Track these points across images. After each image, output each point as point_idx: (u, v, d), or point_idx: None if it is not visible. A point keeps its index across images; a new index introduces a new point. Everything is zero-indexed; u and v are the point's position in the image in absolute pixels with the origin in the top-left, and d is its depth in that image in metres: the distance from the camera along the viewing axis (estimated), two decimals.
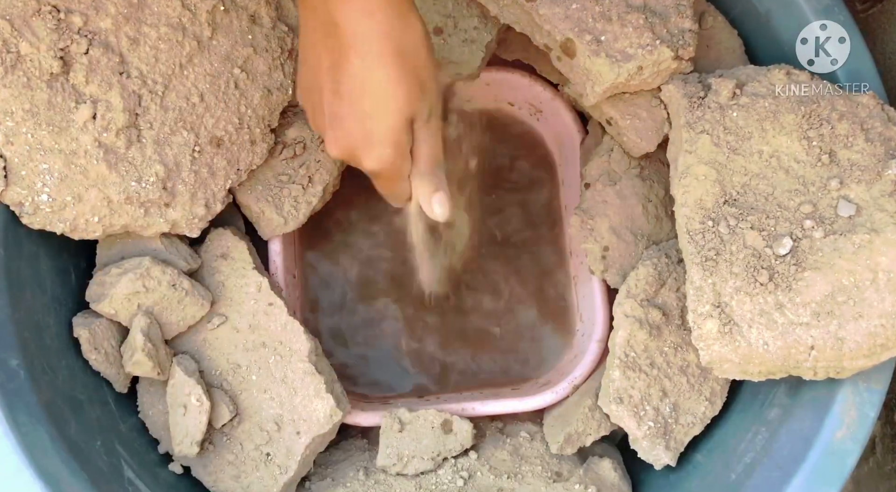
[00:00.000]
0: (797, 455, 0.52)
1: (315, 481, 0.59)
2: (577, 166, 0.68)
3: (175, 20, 0.53)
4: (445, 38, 0.63)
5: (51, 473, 0.47)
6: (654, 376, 0.56)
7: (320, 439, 0.57)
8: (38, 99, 0.50)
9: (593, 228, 0.62)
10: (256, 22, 0.58)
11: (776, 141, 0.53)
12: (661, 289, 0.58)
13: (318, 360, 0.58)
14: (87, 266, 0.58)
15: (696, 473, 0.58)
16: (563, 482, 0.59)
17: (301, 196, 0.61)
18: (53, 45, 0.50)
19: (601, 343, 0.64)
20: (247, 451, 0.56)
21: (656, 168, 0.64)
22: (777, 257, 0.49)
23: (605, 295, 0.65)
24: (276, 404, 0.56)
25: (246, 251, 0.60)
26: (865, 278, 0.48)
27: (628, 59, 0.56)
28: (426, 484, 0.58)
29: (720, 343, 0.49)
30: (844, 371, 0.49)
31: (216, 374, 0.57)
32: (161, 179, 0.53)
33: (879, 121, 0.53)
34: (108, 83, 0.51)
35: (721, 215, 0.51)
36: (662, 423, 0.56)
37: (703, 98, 0.55)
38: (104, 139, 0.51)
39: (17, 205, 0.51)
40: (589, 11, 0.57)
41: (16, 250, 0.52)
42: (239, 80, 0.56)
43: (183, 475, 0.56)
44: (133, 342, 0.54)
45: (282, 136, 0.61)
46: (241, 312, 0.58)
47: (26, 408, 0.48)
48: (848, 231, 0.49)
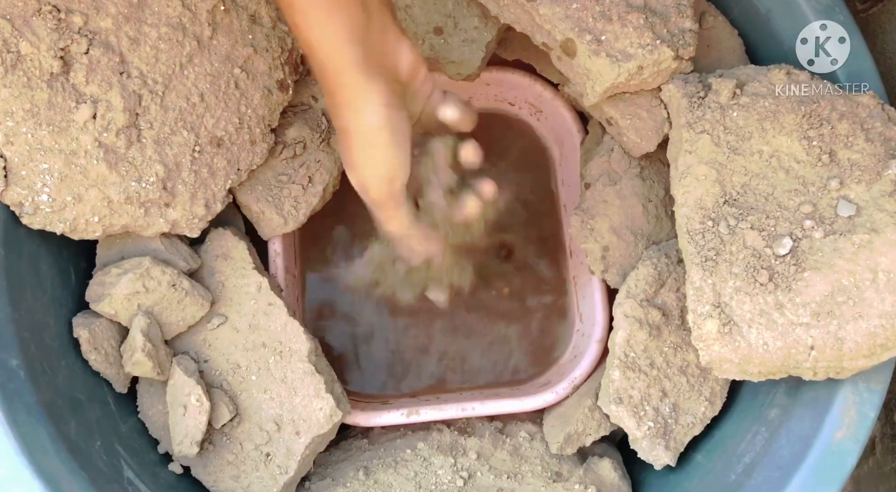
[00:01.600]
0: (797, 455, 0.52)
1: (315, 481, 0.59)
2: (577, 166, 0.68)
3: (175, 20, 0.53)
4: (445, 38, 0.63)
5: (50, 473, 0.47)
6: (654, 376, 0.56)
7: (320, 440, 0.57)
8: (39, 99, 0.50)
9: (593, 228, 0.62)
10: (257, 22, 0.58)
11: (776, 141, 0.53)
12: (661, 289, 0.58)
13: (317, 360, 0.58)
14: (87, 266, 0.58)
15: (696, 473, 0.58)
16: (563, 482, 0.59)
17: (301, 196, 0.61)
18: (54, 45, 0.50)
19: (601, 343, 0.64)
20: (247, 451, 0.56)
21: (656, 168, 0.64)
22: (777, 257, 0.49)
23: (605, 295, 0.65)
24: (275, 404, 0.56)
25: (246, 251, 0.60)
26: (865, 278, 0.48)
27: (628, 58, 0.56)
28: (426, 484, 0.58)
29: (720, 343, 0.49)
30: (844, 371, 0.49)
31: (216, 374, 0.57)
32: (161, 179, 0.53)
33: (879, 121, 0.53)
34: (108, 83, 0.51)
35: (721, 215, 0.51)
36: (662, 423, 0.56)
37: (703, 98, 0.55)
38: (104, 139, 0.51)
39: (17, 205, 0.51)
40: (589, 11, 0.57)
41: (16, 250, 0.52)
42: (239, 80, 0.56)
43: (183, 475, 0.56)
44: (133, 342, 0.54)
45: (282, 136, 0.61)
46: (241, 313, 0.58)
47: (26, 408, 0.48)
48: (848, 231, 0.49)
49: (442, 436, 0.62)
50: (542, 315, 0.71)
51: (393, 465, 0.60)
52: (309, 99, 0.63)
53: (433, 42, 0.63)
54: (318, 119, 0.63)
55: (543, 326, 0.71)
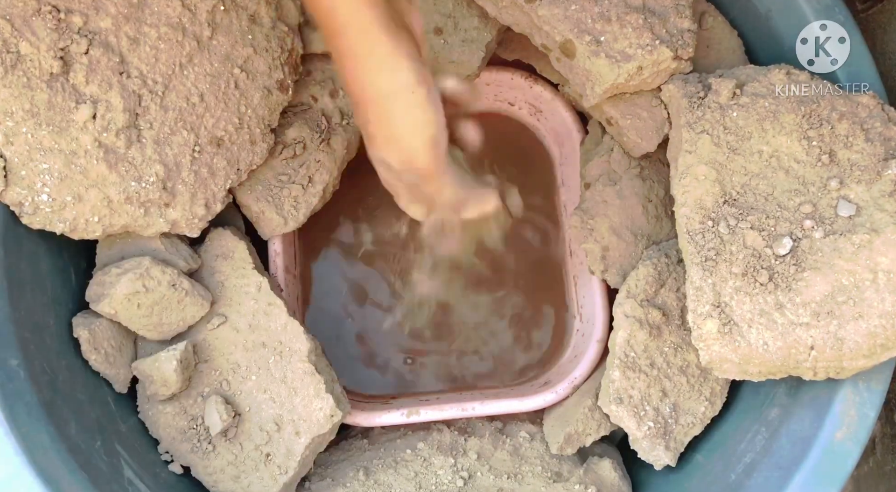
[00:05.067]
0: (797, 455, 0.52)
1: (315, 482, 0.59)
2: (577, 166, 0.68)
3: (175, 20, 0.53)
4: (445, 38, 0.63)
5: (51, 473, 0.47)
6: (654, 376, 0.56)
7: (320, 440, 0.57)
8: (38, 99, 0.50)
9: (593, 228, 0.62)
10: (256, 22, 0.58)
11: (776, 141, 0.53)
12: (661, 289, 0.58)
13: (317, 360, 0.58)
14: (87, 266, 0.58)
15: (696, 473, 0.58)
16: (563, 482, 0.59)
17: (301, 196, 0.61)
18: (53, 45, 0.50)
19: (601, 343, 0.64)
20: (247, 451, 0.56)
21: (656, 168, 0.64)
22: (777, 257, 0.49)
23: (605, 295, 0.65)
24: (275, 405, 0.56)
25: (246, 251, 0.60)
26: (865, 278, 0.48)
27: (628, 59, 0.56)
28: (426, 484, 0.58)
29: (720, 343, 0.49)
30: (844, 371, 0.49)
31: (216, 374, 0.57)
32: (161, 179, 0.53)
33: (879, 121, 0.53)
34: (108, 83, 0.51)
35: (721, 215, 0.51)
36: (662, 423, 0.56)
37: (703, 98, 0.55)
38: (104, 139, 0.51)
39: (17, 205, 0.51)
40: (588, 12, 0.57)
41: (16, 250, 0.52)
42: (239, 80, 0.56)
43: (183, 475, 0.56)
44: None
45: (282, 136, 0.61)
46: (241, 313, 0.58)
47: (26, 408, 0.48)
48: (848, 231, 0.49)
49: (442, 436, 0.62)
50: (542, 315, 0.71)
51: (393, 465, 0.60)
52: (309, 99, 0.63)
53: (433, 42, 0.63)
54: (318, 119, 0.63)
55: (543, 326, 0.71)
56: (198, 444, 0.56)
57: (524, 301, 0.72)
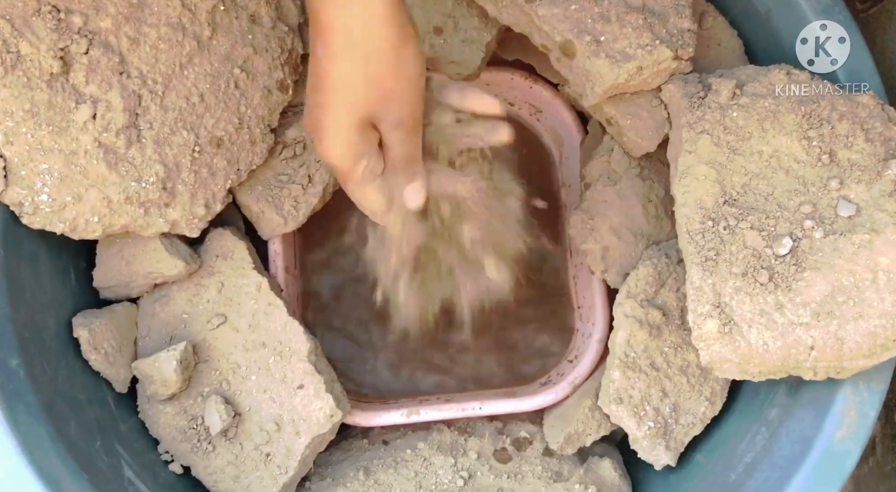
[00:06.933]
0: (797, 455, 0.52)
1: (315, 481, 0.59)
2: (577, 166, 0.68)
3: (175, 20, 0.53)
4: (445, 38, 0.63)
5: (51, 473, 0.47)
6: (654, 376, 0.56)
7: (320, 440, 0.57)
8: (38, 99, 0.50)
9: (593, 228, 0.62)
10: (256, 22, 0.58)
11: (776, 141, 0.53)
12: (661, 289, 0.58)
13: (317, 360, 0.58)
14: (87, 266, 0.58)
15: (696, 473, 0.58)
16: (563, 482, 0.59)
17: (301, 196, 0.61)
18: (53, 45, 0.50)
19: (601, 343, 0.64)
20: (247, 451, 0.56)
21: (656, 168, 0.64)
22: (777, 257, 0.49)
23: (605, 295, 0.65)
24: (275, 404, 0.56)
25: (246, 251, 0.60)
26: (865, 278, 0.48)
27: (628, 59, 0.56)
28: (426, 484, 0.58)
29: (720, 343, 0.49)
30: (844, 371, 0.49)
31: (216, 374, 0.57)
32: (161, 179, 0.53)
33: (879, 121, 0.53)
34: (108, 83, 0.51)
35: (721, 215, 0.51)
36: (662, 423, 0.56)
37: (703, 98, 0.55)
38: (104, 139, 0.51)
39: (17, 205, 0.51)
40: (588, 12, 0.57)
41: (16, 250, 0.52)
42: (239, 80, 0.56)
43: (183, 475, 0.56)
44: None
45: (282, 136, 0.61)
46: (240, 312, 0.58)
47: (26, 408, 0.48)
48: (848, 231, 0.49)
49: (442, 436, 0.62)
50: (542, 315, 0.71)
51: (393, 465, 0.60)
52: None
53: (433, 42, 0.63)
54: None
55: (543, 326, 0.71)
56: (198, 444, 0.56)
57: (523, 301, 0.71)
